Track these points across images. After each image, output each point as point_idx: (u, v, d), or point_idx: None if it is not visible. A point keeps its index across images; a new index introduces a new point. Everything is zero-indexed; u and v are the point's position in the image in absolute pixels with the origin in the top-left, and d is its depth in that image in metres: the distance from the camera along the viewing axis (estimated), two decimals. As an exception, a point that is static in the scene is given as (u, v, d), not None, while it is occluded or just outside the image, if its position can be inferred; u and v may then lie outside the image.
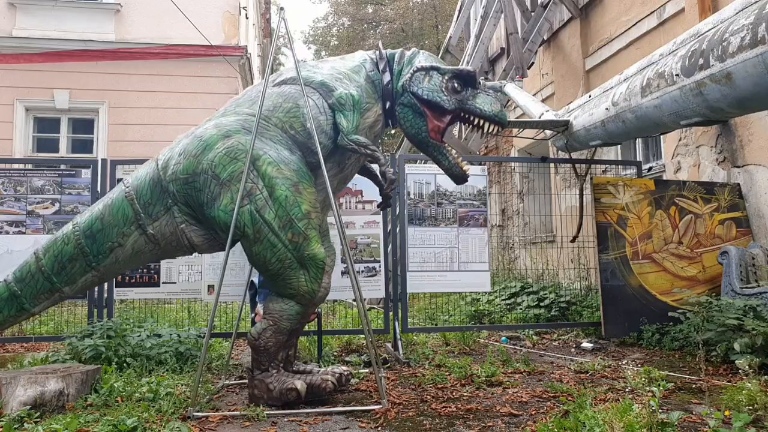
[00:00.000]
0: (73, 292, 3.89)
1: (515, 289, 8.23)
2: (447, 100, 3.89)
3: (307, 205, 3.61)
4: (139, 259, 3.91)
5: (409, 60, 4.11)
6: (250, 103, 3.91)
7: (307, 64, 4.20)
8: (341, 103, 3.79)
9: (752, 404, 3.08)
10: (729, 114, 4.72)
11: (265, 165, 3.59)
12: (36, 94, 10.59)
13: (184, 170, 3.66)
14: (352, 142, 3.73)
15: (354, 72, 4.04)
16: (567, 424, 2.96)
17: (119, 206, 3.76)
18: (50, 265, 3.76)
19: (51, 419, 3.28)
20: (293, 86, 3.93)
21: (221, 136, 3.69)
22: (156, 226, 3.75)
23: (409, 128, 3.98)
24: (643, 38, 7.78)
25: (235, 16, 11.54)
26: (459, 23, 13.16)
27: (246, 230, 3.56)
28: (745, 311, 4.64)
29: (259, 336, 3.60)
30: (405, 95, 3.94)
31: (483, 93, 4.00)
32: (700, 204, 6.20)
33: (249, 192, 3.56)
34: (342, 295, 6.20)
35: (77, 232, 3.76)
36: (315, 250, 3.59)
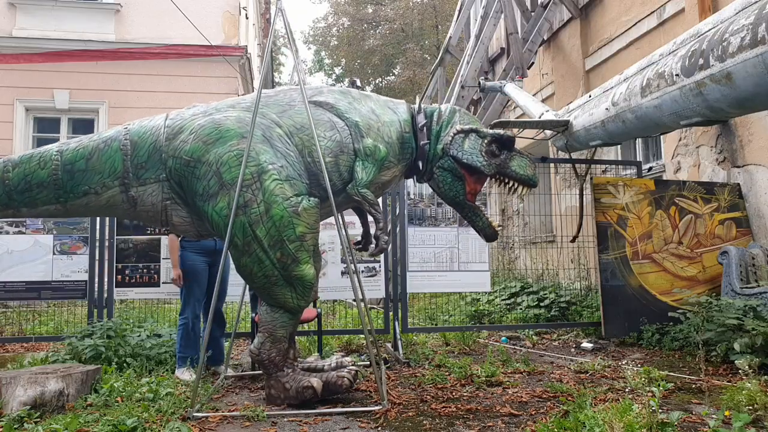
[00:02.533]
0: (28, 215, 3.71)
1: (515, 289, 8.23)
2: (486, 164, 3.89)
3: (303, 227, 3.51)
4: (108, 212, 3.77)
5: (449, 120, 4.03)
6: (279, 110, 3.76)
7: (351, 92, 4.03)
8: (367, 153, 3.71)
9: (752, 404, 3.08)
10: (729, 114, 4.72)
11: (270, 180, 3.48)
12: (36, 94, 10.58)
13: (190, 152, 3.54)
14: (361, 194, 3.68)
15: (389, 126, 3.90)
16: (567, 424, 2.96)
17: (111, 156, 3.57)
18: (16, 182, 3.55)
19: (51, 419, 3.28)
20: (329, 113, 3.80)
21: (239, 135, 3.56)
22: (140, 190, 3.60)
23: (447, 191, 3.97)
24: (643, 38, 7.78)
25: (235, 16, 11.53)
26: (459, 23, 13.17)
27: (236, 240, 3.50)
28: (745, 311, 4.64)
29: (260, 350, 3.62)
30: (445, 159, 3.91)
31: (518, 156, 4.00)
32: (700, 204, 6.20)
33: (246, 203, 3.45)
34: (342, 295, 6.20)
35: (57, 161, 3.55)
36: (303, 271, 3.53)
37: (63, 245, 5.67)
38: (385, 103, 4.09)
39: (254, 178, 3.47)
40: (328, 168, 3.65)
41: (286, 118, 3.73)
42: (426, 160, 3.99)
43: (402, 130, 3.95)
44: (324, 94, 3.92)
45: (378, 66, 26.84)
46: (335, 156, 3.70)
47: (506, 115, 11.18)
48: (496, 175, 3.96)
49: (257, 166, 3.48)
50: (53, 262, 5.63)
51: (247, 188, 3.46)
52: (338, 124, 3.77)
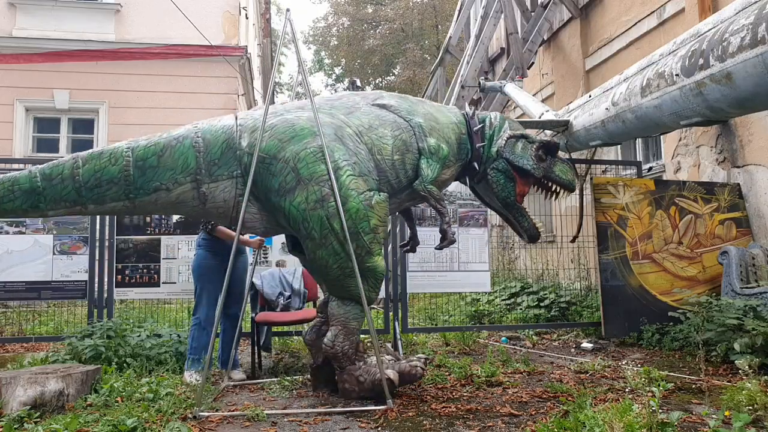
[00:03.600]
0: (96, 212, 3.75)
1: (515, 289, 8.23)
2: (536, 167, 4.19)
3: (376, 219, 3.69)
4: (177, 209, 3.82)
5: (500, 126, 4.30)
6: (346, 111, 3.97)
7: (408, 97, 4.29)
8: (432, 151, 3.94)
9: (752, 404, 3.08)
10: (729, 114, 4.72)
11: (345, 175, 3.64)
12: (36, 94, 10.58)
13: (266, 149, 3.65)
14: (427, 190, 3.89)
15: (448, 128, 4.16)
16: (567, 424, 2.96)
17: (183, 152, 3.62)
18: (86, 178, 3.54)
19: (51, 419, 3.28)
20: (395, 115, 4.03)
21: (312, 133, 3.71)
22: (212, 187, 3.65)
23: (500, 191, 4.23)
24: (643, 38, 7.78)
25: (235, 16, 11.53)
26: (459, 23, 13.17)
27: (313, 233, 3.60)
28: (745, 311, 4.64)
29: (334, 343, 3.69)
30: (499, 161, 4.19)
31: (560, 162, 4.35)
32: (700, 204, 6.20)
33: (323, 197, 3.58)
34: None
35: (128, 157, 3.58)
36: (376, 262, 3.72)
37: (63, 245, 5.67)
38: (439, 107, 4.35)
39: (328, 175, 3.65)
40: (396, 165, 3.89)
41: (354, 119, 3.94)
42: (481, 162, 4.23)
43: (459, 132, 4.21)
44: (385, 97, 4.20)
45: (378, 66, 26.84)
46: (402, 154, 3.92)
47: (506, 115, 11.16)
48: (542, 179, 4.28)
49: (333, 163, 3.64)
50: (53, 262, 5.63)
51: (324, 183, 3.59)
52: (402, 124, 3.99)
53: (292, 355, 5.48)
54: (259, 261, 5.71)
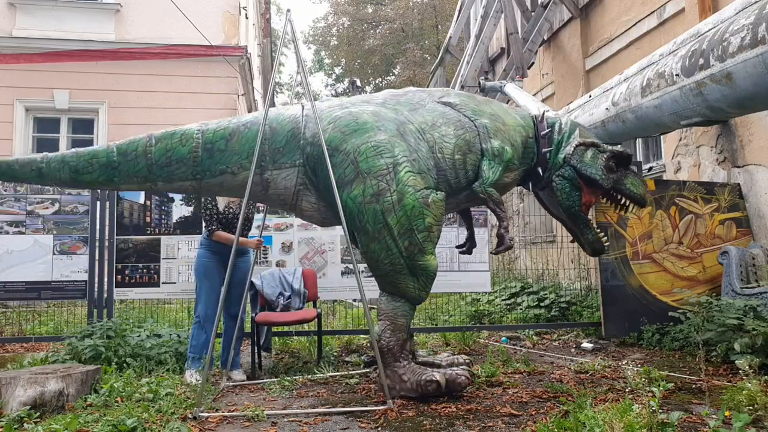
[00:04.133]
0: (164, 188, 3.90)
1: (515, 290, 8.23)
2: (605, 178, 4.03)
3: (432, 218, 3.66)
4: (240, 193, 3.84)
5: (570, 132, 4.17)
6: (410, 108, 3.96)
7: (475, 97, 4.23)
8: (495, 154, 3.87)
9: (752, 404, 3.08)
10: (729, 114, 4.72)
11: (404, 171, 3.63)
12: (36, 94, 10.58)
13: (328, 141, 3.68)
14: (487, 192, 3.82)
15: (514, 130, 4.07)
16: (567, 424, 2.96)
17: (251, 138, 3.72)
18: (158, 156, 3.69)
19: (51, 419, 3.27)
20: (460, 114, 3.98)
21: (376, 127, 3.73)
22: (274, 174, 3.76)
23: (564, 200, 4.08)
24: (643, 38, 7.78)
25: (235, 16, 11.53)
26: (459, 23, 13.18)
27: (367, 226, 3.64)
28: (746, 311, 4.64)
29: (380, 337, 3.71)
30: (566, 168, 4.06)
31: (632, 174, 4.16)
32: (700, 204, 6.20)
33: (380, 192, 3.60)
34: (342, 295, 6.21)
35: (198, 139, 3.70)
36: (428, 261, 3.68)
37: (63, 245, 5.67)
38: (507, 109, 4.26)
39: (389, 169, 3.63)
40: (457, 165, 3.84)
41: (418, 115, 3.92)
42: (546, 168, 4.12)
43: (526, 135, 4.11)
44: (452, 95, 4.14)
45: (378, 66, 26.85)
46: (464, 154, 3.87)
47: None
48: (611, 191, 4.12)
49: (393, 158, 3.65)
50: (53, 262, 5.63)
51: (382, 178, 3.61)
52: (467, 124, 3.94)
53: (292, 355, 5.48)
54: (259, 261, 5.71)
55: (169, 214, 5.75)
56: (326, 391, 4.07)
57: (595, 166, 4.02)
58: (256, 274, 5.37)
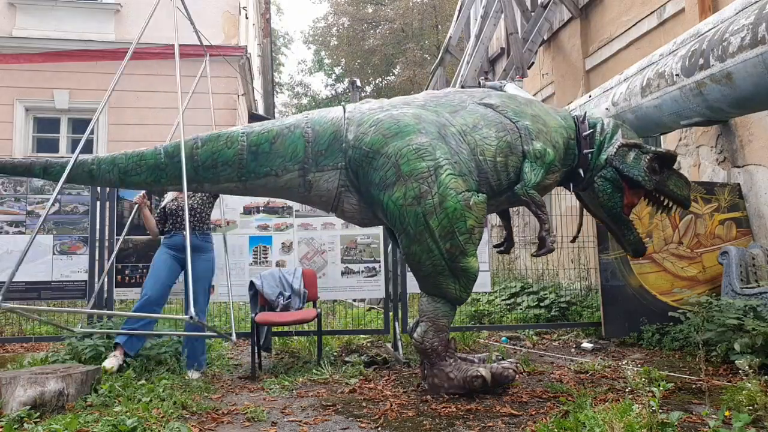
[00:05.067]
0: (211, 190, 3.98)
1: (515, 290, 8.23)
2: (648, 179, 4.02)
3: (473, 220, 3.67)
4: (283, 194, 3.96)
5: (612, 133, 4.14)
6: (451, 110, 3.96)
7: (516, 98, 4.21)
8: (537, 156, 3.84)
9: (752, 404, 3.08)
10: (729, 114, 4.73)
11: (445, 174, 3.64)
12: (36, 94, 10.57)
13: (370, 143, 3.71)
14: (529, 195, 3.79)
15: (556, 132, 4.05)
16: (567, 424, 2.96)
17: (294, 141, 3.76)
18: (204, 158, 3.74)
19: (51, 419, 3.27)
20: (502, 116, 3.96)
21: (417, 130, 3.74)
22: (317, 176, 3.78)
23: (606, 201, 4.08)
24: (643, 38, 7.78)
25: (235, 16, 11.53)
26: (459, 23, 13.17)
27: (408, 229, 3.66)
28: (745, 311, 4.64)
29: (423, 339, 3.75)
30: (608, 169, 4.04)
31: (675, 176, 4.16)
32: (700, 204, 6.19)
33: (421, 195, 3.60)
34: (342, 295, 6.20)
35: (243, 142, 3.75)
36: (470, 263, 3.70)
37: (63, 245, 5.67)
38: (548, 110, 4.24)
39: (430, 172, 3.63)
40: (498, 167, 3.83)
41: (459, 117, 3.91)
42: (587, 169, 4.09)
43: (567, 136, 4.08)
44: (493, 97, 4.12)
45: (378, 66, 26.84)
46: (505, 156, 3.84)
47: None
48: (654, 192, 4.12)
49: (434, 161, 3.65)
50: (53, 262, 5.63)
51: (423, 180, 3.61)
52: (508, 126, 3.91)
53: (292, 355, 5.48)
54: (260, 261, 5.71)
55: (169, 214, 5.73)
56: (326, 391, 4.07)
57: (638, 168, 4.01)
58: (256, 274, 5.37)
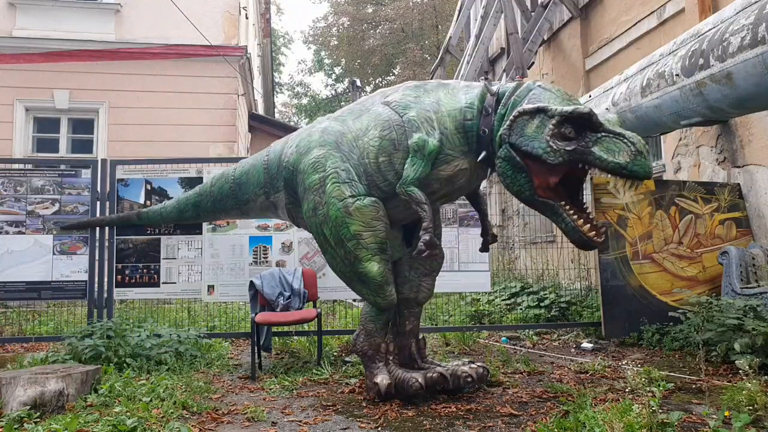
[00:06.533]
0: (223, 218, 5.08)
1: (515, 290, 8.23)
2: (551, 151, 3.14)
3: (358, 225, 3.66)
4: (266, 213, 4.59)
5: (517, 101, 3.44)
6: (356, 116, 3.97)
7: (426, 85, 3.86)
8: (415, 149, 3.55)
9: (752, 404, 3.08)
10: (729, 114, 4.73)
11: (330, 183, 3.74)
12: (36, 94, 10.57)
13: (292, 163, 4.03)
14: (407, 192, 3.52)
15: (449, 116, 3.60)
16: (567, 424, 2.96)
17: (258, 170, 4.33)
18: (216, 193, 4.62)
19: (51, 419, 3.28)
20: (392, 112, 3.73)
21: (319, 144, 3.90)
22: (276, 196, 4.25)
23: (510, 185, 3.39)
24: (643, 38, 7.78)
25: (235, 16, 11.53)
26: (459, 23, 13.18)
27: (316, 238, 3.93)
28: (746, 311, 4.64)
29: (355, 342, 3.85)
30: (503, 147, 3.34)
31: (608, 137, 3.12)
32: (700, 204, 6.20)
33: (315, 206, 3.79)
34: (342, 295, 6.20)
35: (233, 178, 4.51)
36: (366, 268, 3.69)
37: (63, 245, 5.67)
38: (460, 89, 3.76)
39: (321, 183, 3.78)
40: (382, 168, 3.73)
41: (357, 123, 3.92)
42: (491, 150, 3.49)
43: (462, 118, 3.57)
44: (397, 91, 3.86)
45: (378, 66, 26.85)
46: (389, 155, 3.70)
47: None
48: (576, 164, 3.18)
49: (324, 172, 3.79)
50: (53, 262, 5.63)
51: (316, 192, 3.79)
52: (395, 121, 3.70)
53: (292, 355, 5.48)
54: (260, 261, 5.71)
55: (169, 214, 5.75)
56: (326, 391, 4.07)
57: (538, 138, 3.17)
58: (256, 274, 5.37)
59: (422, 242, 3.44)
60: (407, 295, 4.03)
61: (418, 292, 4.05)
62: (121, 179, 5.77)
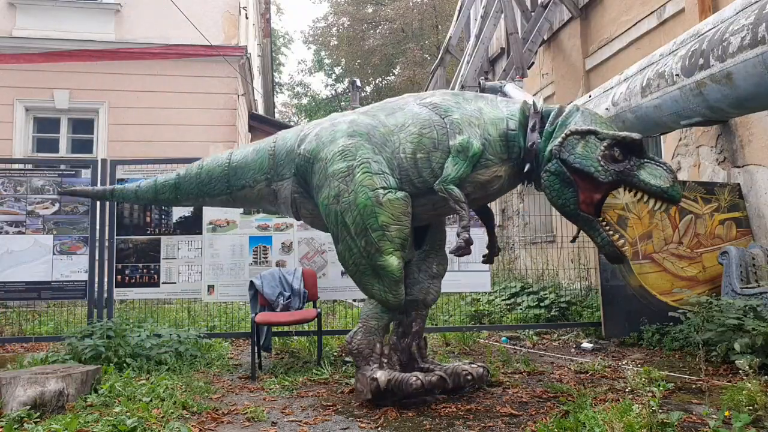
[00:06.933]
0: (212, 204, 4.63)
1: (515, 290, 8.23)
2: (603, 170, 3.44)
3: (386, 217, 3.64)
4: (262, 203, 4.42)
5: (565, 120, 3.69)
6: (389, 113, 3.97)
7: (464, 94, 4.04)
8: (458, 149, 3.65)
9: (752, 404, 3.08)
10: (729, 114, 4.73)
11: (361, 173, 3.71)
12: (36, 94, 10.57)
13: (311, 151, 3.94)
14: (446, 190, 3.60)
15: (492, 124, 3.77)
16: (567, 424, 2.96)
17: (262, 156, 4.21)
18: (204, 176, 4.40)
19: (51, 419, 3.28)
20: (432, 113, 3.84)
21: (347, 134, 3.87)
22: (279, 185, 4.14)
23: (555, 198, 3.62)
24: (643, 38, 7.78)
25: (235, 16, 11.53)
26: (459, 23, 13.18)
27: (332, 228, 3.82)
28: (745, 311, 4.64)
29: (352, 339, 3.76)
30: (553, 161, 3.56)
31: (651, 164, 3.49)
32: (700, 204, 6.20)
33: (339, 193, 3.72)
34: (342, 295, 6.20)
35: (227, 161, 4.33)
36: (387, 261, 3.66)
37: (63, 245, 5.67)
38: (500, 102, 3.99)
39: (349, 171, 3.74)
40: (419, 164, 3.76)
41: (392, 119, 3.94)
42: (536, 163, 3.71)
43: (507, 127, 3.76)
44: (437, 96, 4.02)
45: (378, 66, 26.84)
46: (427, 152, 3.75)
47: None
48: (620, 184, 3.49)
49: (354, 160, 3.76)
50: (53, 262, 5.63)
51: (342, 179, 3.74)
52: (437, 122, 3.81)
53: (292, 355, 5.48)
54: (260, 261, 5.71)
55: (169, 215, 5.75)
56: (326, 391, 4.07)
57: (590, 158, 3.45)
58: (256, 274, 5.37)
59: (461, 240, 3.58)
60: (416, 297, 4.02)
61: (427, 294, 4.08)
62: (121, 179, 5.77)
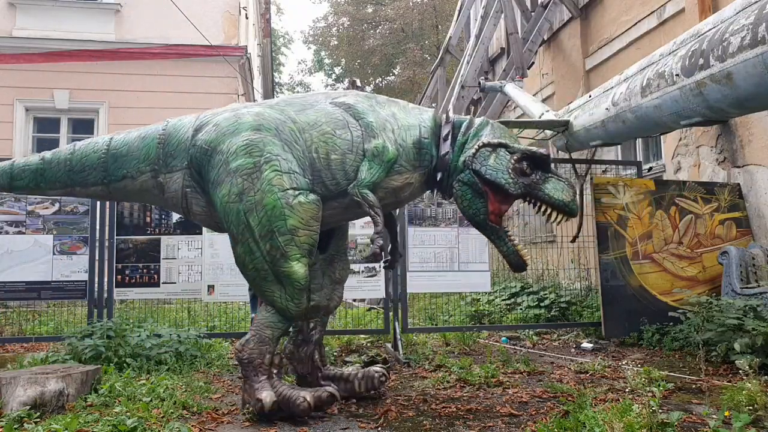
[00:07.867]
0: (83, 194, 4.11)
1: (515, 290, 8.23)
2: (513, 183, 3.55)
3: (296, 220, 3.42)
4: (144, 197, 4.02)
5: (477, 132, 3.76)
6: (299, 109, 3.78)
7: (376, 97, 3.97)
8: (375, 153, 3.57)
9: (752, 404, 3.09)
10: (729, 114, 4.72)
11: (269, 170, 3.46)
12: (36, 94, 10.58)
13: (209, 142, 3.62)
14: (360, 194, 3.51)
15: (406, 130, 3.76)
16: (567, 424, 2.96)
17: (148, 143, 3.82)
18: (75, 162, 3.92)
19: (51, 419, 3.27)
20: (346, 114, 3.74)
21: (253, 127, 3.59)
22: (167, 177, 3.77)
23: (466, 208, 3.68)
24: (643, 38, 7.78)
25: (235, 16, 11.53)
26: (459, 23, 13.17)
27: (231, 228, 3.50)
28: (745, 311, 4.64)
29: (243, 348, 3.45)
30: (466, 172, 3.63)
31: (554, 178, 3.64)
32: (700, 204, 6.20)
33: (243, 191, 3.44)
34: (342, 295, 6.19)
35: (106, 147, 3.89)
36: (292, 268, 3.42)
37: (63, 245, 5.66)
38: (411, 109, 3.98)
39: (255, 168, 3.47)
40: (332, 166, 3.61)
41: (303, 116, 3.74)
42: (447, 172, 3.75)
43: (420, 135, 3.76)
44: (348, 96, 3.91)
45: (378, 66, 26.84)
46: (342, 154, 3.63)
47: (506, 115, 11.18)
48: (526, 197, 3.63)
49: (261, 157, 3.49)
50: (53, 262, 5.63)
51: (247, 176, 3.45)
52: (352, 123, 3.70)
53: (292, 355, 5.47)
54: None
55: (169, 214, 5.75)
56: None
57: (500, 170, 3.55)
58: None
59: (376, 246, 3.46)
60: (320, 303, 3.79)
61: (330, 300, 3.88)
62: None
